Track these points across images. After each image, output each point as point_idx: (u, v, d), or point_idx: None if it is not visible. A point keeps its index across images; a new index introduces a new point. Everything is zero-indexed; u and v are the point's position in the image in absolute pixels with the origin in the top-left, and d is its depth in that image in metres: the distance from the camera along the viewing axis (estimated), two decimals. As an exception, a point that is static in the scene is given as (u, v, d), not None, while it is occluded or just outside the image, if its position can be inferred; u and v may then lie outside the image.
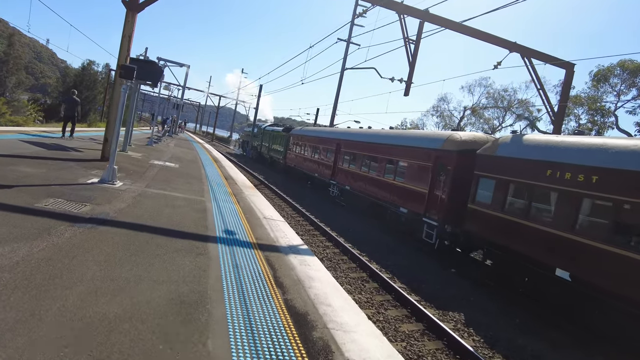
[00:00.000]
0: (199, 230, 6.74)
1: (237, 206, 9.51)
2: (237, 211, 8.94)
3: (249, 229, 7.55)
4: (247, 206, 9.84)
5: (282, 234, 7.68)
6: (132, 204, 7.59)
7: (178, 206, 8.19)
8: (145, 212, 7.18)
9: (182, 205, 8.38)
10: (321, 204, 19.79)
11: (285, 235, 7.61)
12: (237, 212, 8.81)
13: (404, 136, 15.92)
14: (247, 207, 9.73)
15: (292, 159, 29.17)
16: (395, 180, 15.66)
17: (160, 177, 11.45)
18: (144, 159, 14.50)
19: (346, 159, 20.28)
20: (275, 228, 8.07)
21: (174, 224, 6.76)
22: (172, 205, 8.21)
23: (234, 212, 8.75)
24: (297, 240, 7.48)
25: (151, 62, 14.89)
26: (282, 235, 7.62)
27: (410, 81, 13.72)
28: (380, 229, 16.11)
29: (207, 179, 12.85)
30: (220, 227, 7.23)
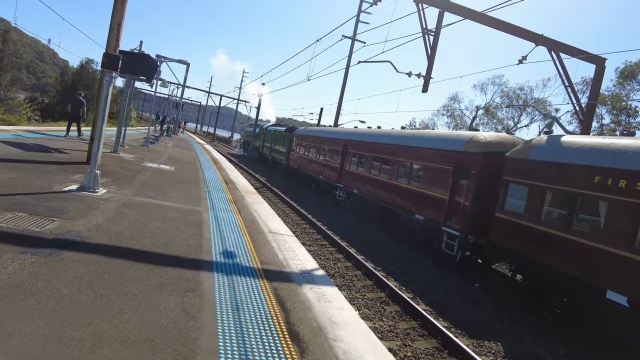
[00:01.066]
0: (190, 252, 5.43)
1: (238, 217, 8.20)
2: (238, 224, 7.62)
3: (252, 248, 6.23)
4: (250, 217, 8.52)
5: (292, 254, 6.36)
6: (112, 217, 6.28)
7: (169, 219, 6.88)
8: (127, 228, 5.87)
9: (173, 217, 7.06)
10: (327, 209, 18.48)
11: (295, 256, 6.30)
12: (238, 225, 7.49)
13: (419, 137, 14.60)
14: (249, 217, 8.42)
15: (295, 160, 27.86)
16: (410, 184, 14.34)
17: (152, 182, 10.14)
18: (136, 161, 13.19)
19: (354, 160, 18.97)
20: (283, 246, 6.75)
21: (161, 245, 5.44)
22: (162, 218, 6.89)
23: (234, 225, 7.43)
24: (310, 263, 6.16)
25: (145, 55, 13.60)
26: (292, 255, 6.31)
27: (429, 76, 12.40)
28: (393, 237, 14.80)
29: (205, 184, 11.55)
30: (218, 247, 5.92)
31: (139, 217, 6.60)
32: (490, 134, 12.50)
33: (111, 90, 8.85)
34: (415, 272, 11.30)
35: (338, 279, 9.55)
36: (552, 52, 13.53)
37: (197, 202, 8.84)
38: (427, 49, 12.55)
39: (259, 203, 10.32)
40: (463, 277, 11.62)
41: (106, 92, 7.63)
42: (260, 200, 10.85)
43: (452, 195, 12.39)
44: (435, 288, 10.29)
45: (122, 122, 13.74)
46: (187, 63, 35.25)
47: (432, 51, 12.42)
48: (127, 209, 7.02)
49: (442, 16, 12.39)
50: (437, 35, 12.41)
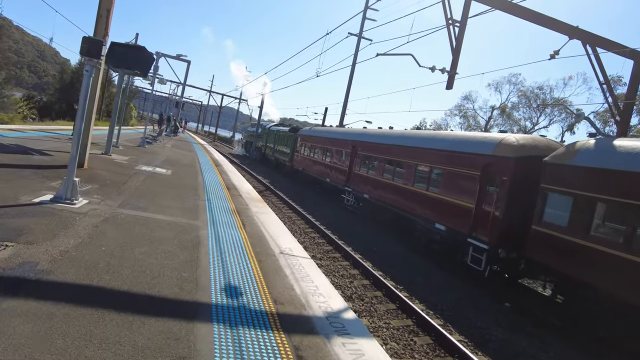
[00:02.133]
0: (184, 291, 4.13)
1: (243, 233, 6.91)
2: (242, 243, 6.33)
3: (261, 279, 4.94)
4: (256, 232, 7.22)
5: (312, 286, 5.07)
6: (88, 239, 4.99)
7: (159, 240, 5.59)
8: (105, 255, 4.58)
9: (165, 237, 5.77)
10: (335, 214, 17.18)
11: (316, 289, 5.00)
12: (243, 245, 6.20)
13: (440, 138, 13.29)
14: (256, 233, 7.13)
15: (299, 161, 26.56)
16: (429, 190, 13.04)
17: (145, 189, 8.86)
18: (129, 163, 11.91)
19: (364, 163, 17.67)
20: (299, 273, 5.45)
21: (146, 281, 4.15)
22: (151, 238, 5.60)
23: (238, 245, 6.14)
24: (335, 299, 4.86)
25: (139, 47, 12.31)
26: (312, 288, 5.01)
27: (454, 71, 11.09)
28: (409, 247, 13.50)
29: (205, 191, 10.26)
30: (219, 279, 4.63)
31: (122, 238, 5.30)
32: (522, 136, 11.19)
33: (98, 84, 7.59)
34: (439, 290, 10.02)
35: (357, 302, 8.26)
36: (586, 46, 12.24)
37: (195, 214, 7.55)
38: (451, 42, 11.25)
39: (265, 213, 9.03)
40: (491, 294, 10.38)
41: (86, 85, 6.33)
42: (266, 209, 9.56)
43: (479, 204, 11.10)
44: (465, 310, 9.00)
45: (114, 120, 12.45)
46: (188, 61, 34.04)
47: (457, 44, 11.11)
48: (109, 226, 5.73)
49: (469, 5, 11.09)
50: (462, 26, 11.11)
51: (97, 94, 9.27)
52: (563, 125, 29.11)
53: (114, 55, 12.01)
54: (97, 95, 9.30)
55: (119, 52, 12.04)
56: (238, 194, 10.98)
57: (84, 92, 6.30)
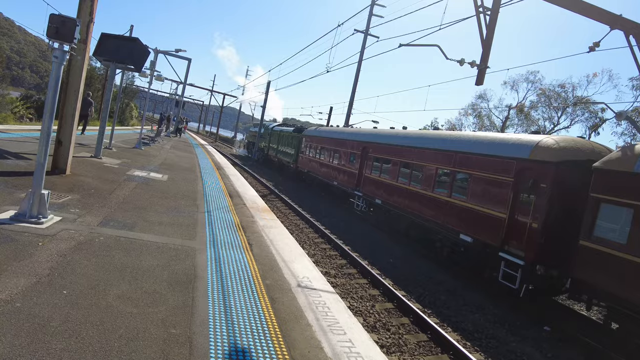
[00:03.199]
0: (171, 364, 2.86)
1: (250, 257, 5.63)
2: (250, 272, 5.05)
3: (278, 333, 3.65)
4: (266, 255, 5.94)
5: (345, 342, 3.76)
6: (46, 278, 3.71)
7: (143, 273, 4.31)
8: (64, 305, 3.31)
9: (152, 268, 4.50)
10: (345, 222, 15.91)
11: (349, 345, 3.72)
12: (250, 276, 4.92)
13: (465, 140, 11.99)
14: (265, 257, 5.84)
15: (304, 163, 25.29)
16: (453, 197, 11.75)
17: (134, 200, 7.58)
18: (121, 168, 10.63)
19: (376, 165, 16.38)
20: (326, 321, 4.15)
21: (116, 349, 2.87)
22: (133, 270, 4.33)
23: (245, 277, 4.86)
24: (377, 359, 3.58)
25: (132, 39, 11.05)
26: (346, 345, 3.72)
27: (485, 64, 9.77)
28: (429, 259, 12.23)
29: (205, 200, 8.99)
30: (221, 337, 3.34)
31: (95, 274, 4.03)
32: (562, 138, 9.89)
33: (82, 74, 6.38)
34: (470, 311, 8.77)
35: (382, 333, 6.98)
36: (629, 37, 10.92)
37: (192, 231, 6.27)
38: (481, 32, 9.93)
39: (273, 227, 7.74)
40: (527, 315, 9.15)
41: (55, 76, 5.05)
42: (275, 222, 8.27)
43: (512, 214, 9.82)
44: (504, 336, 7.75)
45: (105, 120, 11.18)
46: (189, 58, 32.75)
47: (488, 34, 9.80)
48: (82, 254, 4.45)
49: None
50: (494, 14, 9.81)
51: (80, 87, 8.01)
52: (586, 126, 27.68)
53: (105, 47, 10.77)
54: (81, 89, 8.03)
55: (110, 44, 10.79)
56: (242, 202, 9.71)
57: (53, 84, 5.01)
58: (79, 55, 7.88)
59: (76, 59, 7.86)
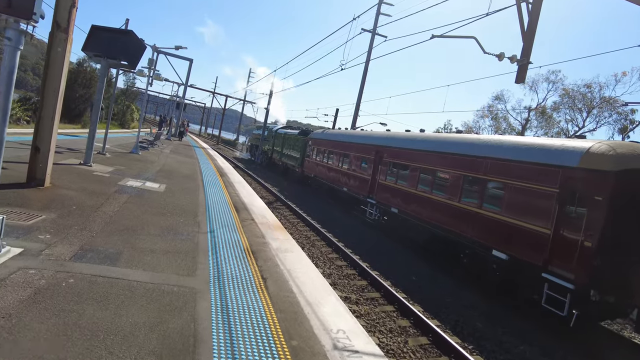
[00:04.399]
0: None
1: (266, 301, 4.34)
2: (270, 327, 3.76)
3: None
4: (286, 297, 4.62)
5: None
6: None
7: (121, 339, 3.03)
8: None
9: (133, 329, 3.21)
10: (359, 232, 14.63)
11: None
12: (270, 333, 3.63)
13: (499, 145, 10.69)
14: (285, 299, 4.54)
15: (311, 167, 24.02)
16: (484, 208, 10.46)
17: (124, 218, 6.32)
18: (112, 177, 9.36)
19: (392, 171, 15.10)
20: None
21: None
22: (107, 336, 3.04)
23: (264, 334, 3.58)
24: None
25: (126, 31, 9.80)
26: None
27: (527, 59, 8.53)
28: (455, 277, 10.92)
29: (207, 215, 7.72)
30: None
31: (49, 345, 2.76)
32: (617, 143, 8.60)
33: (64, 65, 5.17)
34: (514, 345, 7.49)
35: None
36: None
37: (191, 262, 5.00)
38: (522, 23, 8.69)
39: (289, 251, 6.46)
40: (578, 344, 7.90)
41: (9, 65, 3.79)
42: (290, 243, 6.98)
43: (558, 229, 8.53)
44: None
45: (95, 122, 9.92)
46: (190, 59, 31.60)
47: (531, 25, 8.55)
48: (35, 312, 3.17)
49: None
50: (538, 4, 8.56)
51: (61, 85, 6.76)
52: (614, 128, 26.02)
53: (95, 41, 9.53)
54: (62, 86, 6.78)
55: (101, 37, 9.55)
56: (250, 217, 8.43)
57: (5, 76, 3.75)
58: (59, 46, 6.63)
59: (56, 51, 6.61)
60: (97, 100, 9.73)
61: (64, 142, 14.06)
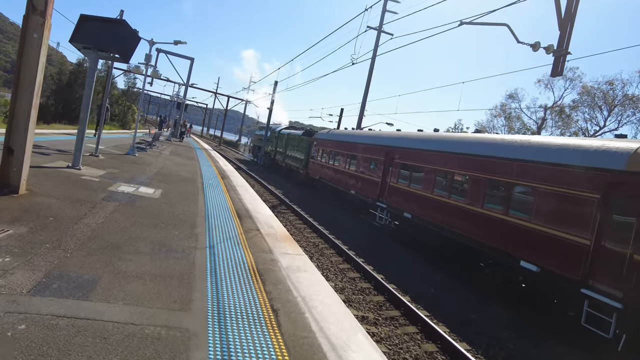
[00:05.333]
0: None
1: (279, 345, 3.39)
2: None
3: None
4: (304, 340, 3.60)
5: None
6: None
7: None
8: None
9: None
10: (368, 237, 13.67)
11: None
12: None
13: (528, 146, 9.68)
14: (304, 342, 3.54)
15: (316, 169, 23.06)
16: (510, 214, 9.49)
17: (109, 231, 5.37)
18: (102, 182, 8.41)
19: (404, 174, 14.13)
20: None
21: None
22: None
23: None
24: None
25: (117, 20, 8.87)
26: None
27: (565, 50, 7.58)
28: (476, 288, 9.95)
29: (207, 225, 6.77)
30: None
31: None
32: (668, 143, 7.63)
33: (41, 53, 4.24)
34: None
35: None
36: None
37: (186, 290, 4.04)
38: (559, 10, 7.74)
39: (302, 270, 5.48)
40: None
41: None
42: (302, 260, 6.00)
43: (599, 240, 7.55)
44: None
45: (85, 121, 8.96)
46: (191, 58, 30.74)
47: (569, 10, 7.60)
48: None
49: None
50: (576, -15, 7.59)
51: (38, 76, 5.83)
52: (638, 128, 24.84)
53: (84, 32, 8.59)
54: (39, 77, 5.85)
55: (90, 27, 8.61)
56: (255, 226, 7.47)
57: None
58: (36, 32, 5.70)
59: (31, 37, 5.67)
60: (87, 97, 8.77)
61: (54, 143, 13.15)
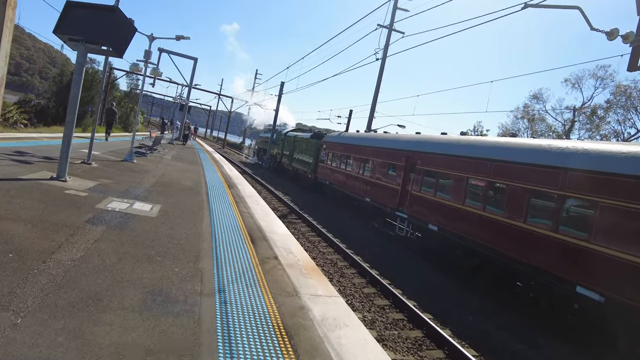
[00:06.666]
0: None
1: None
2: None
3: None
4: None
5: None
6: None
7: None
8: None
9: None
10: (390, 252, 12.35)
11: None
12: None
13: (584, 152, 8.28)
14: None
15: (325, 174, 21.74)
16: (560, 231, 8.14)
17: (87, 273, 4.05)
18: (90, 197, 7.10)
19: (428, 181, 12.80)
20: None
21: None
22: None
23: None
24: None
25: (110, 8, 7.57)
26: None
27: (646, 38, 6.26)
28: (519, 314, 8.60)
29: (214, 255, 5.45)
30: None
31: None
32: None
33: None
34: None
35: None
36: None
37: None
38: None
39: (342, 325, 4.14)
40: None
41: None
42: (340, 307, 4.64)
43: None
44: None
45: (72, 124, 7.66)
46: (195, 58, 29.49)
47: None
48: None
49: None
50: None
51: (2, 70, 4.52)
52: None
53: (71, 21, 7.31)
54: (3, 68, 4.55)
55: (79, 16, 7.33)
56: (272, 253, 6.15)
57: None
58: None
59: None
60: (74, 97, 7.47)
61: (43, 149, 11.87)
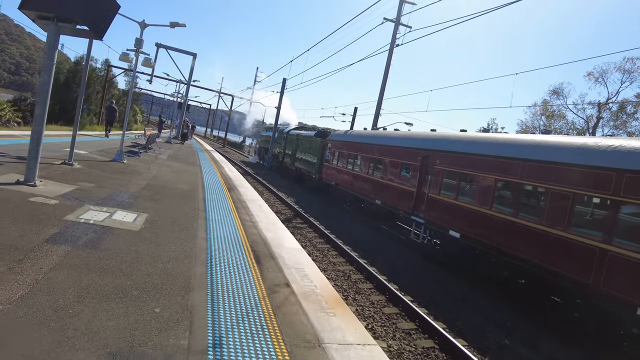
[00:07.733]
0: None
1: None
2: None
3: None
4: None
5: None
6: None
7: None
8: None
9: None
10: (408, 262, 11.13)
11: None
12: None
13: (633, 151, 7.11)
14: None
15: (331, 174, 20.50)
16: (615, 244, 6.92)
17: (25, 325, 2.83)
18: (62, 205, 5.88)
19: (448, 183, 11.57)
20: None
21: None
22: None
23: None
24: None
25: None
26: None
27: None
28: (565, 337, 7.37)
29: (210, 285, 4.23)
30: None
31: None
32: None
33: None
34: None
35: None
36: None
37: None
38: None
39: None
40: None
41: None
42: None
43: None
44: None
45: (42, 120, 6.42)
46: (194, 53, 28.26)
47: None
48: None
49: None
50: None
51: None
52: None
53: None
54: None
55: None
56: (283, 278, 4.93)
57: None
58: None
59: None
60: (43, 84, 6.24)
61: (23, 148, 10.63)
